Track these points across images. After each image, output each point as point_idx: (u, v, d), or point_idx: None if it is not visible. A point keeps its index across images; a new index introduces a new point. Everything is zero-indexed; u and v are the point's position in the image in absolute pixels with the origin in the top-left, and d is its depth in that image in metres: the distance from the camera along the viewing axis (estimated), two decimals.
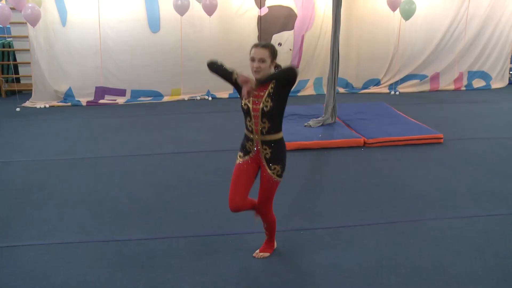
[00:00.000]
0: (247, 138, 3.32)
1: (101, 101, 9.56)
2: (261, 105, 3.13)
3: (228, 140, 6.69)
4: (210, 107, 9.25)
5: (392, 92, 10.33)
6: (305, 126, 7.17)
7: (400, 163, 5.91)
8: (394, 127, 7.02)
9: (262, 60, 3.06)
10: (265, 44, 3.15)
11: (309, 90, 10.42)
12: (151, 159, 6.12)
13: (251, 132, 3.25)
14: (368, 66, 10.56)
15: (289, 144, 6.34)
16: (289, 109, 8.16)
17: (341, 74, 9.15)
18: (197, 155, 6.26)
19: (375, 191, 5.05)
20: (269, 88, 3.14)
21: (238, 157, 3.40)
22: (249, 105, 3.18)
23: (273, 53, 3.13)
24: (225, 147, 3.23)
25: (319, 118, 7.29)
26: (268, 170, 3.28)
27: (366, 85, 10.68)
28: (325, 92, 7.44)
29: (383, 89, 10.55)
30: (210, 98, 9.87)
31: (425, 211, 4.56)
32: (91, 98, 9.56)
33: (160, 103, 9.62)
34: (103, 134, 7.32)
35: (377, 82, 10.68)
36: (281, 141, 3.30)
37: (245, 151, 3.35)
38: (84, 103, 9.42)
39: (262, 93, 3.15)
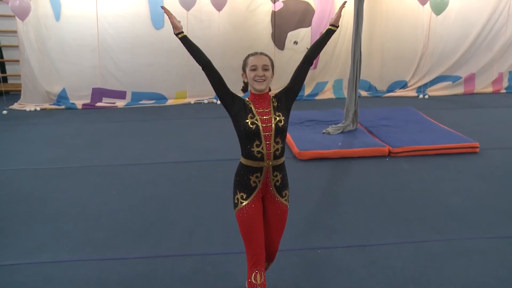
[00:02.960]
0: (251, 171, 2.96)
1: (98, 104, 9.65)
2: (274, 120, 2.91)
3: (239, 148, 6.65)
4: (218, 111, 9.26)
5: (421, 96, 10.28)
6: (323, 133, 7.15)
7: (430, 175, 5.86)
8: (423, 135, 6.97)
9: (266, 68, 2.93)
10: (262, 52, 3.05)
11: (327, 94, 10.43)
12: (153, 169, 6.14)
13: (261, 159, 2.92)
14: (393, 67, 10.54)
15: (305, 153, 6.42)
16: (305, 114, 8.32)
17: (363, 75, 9.12)
18: (204, 165, 6.26)
19: (401, 206, 5.00)
20: (272, 102, 2.99)
21: (239, 201, 2.99)
22: (258, 123, 2.89)
23: (273, 62, 3.02)
24: (235, 156, 3.16)
25: (339, 125, 7.27)
26: (281, 199, 3.05)
27: (391, 88, 10.65)
28: (346, 96, 7.43)
29: (410, 92, 10.50)
30: (218, 102, 9.91)
31: (458, 229, 4.50)
32: (87, 101, 9.65)
33: (164, 107, 9.68)
34: (100, 140, 7.37)
35: (403, 85, 10.63)
36: (284, 162, 3.08)
37: (249, 189, 2.98)
38: (79, 106, 9.51)
39: (267, 110, 2.94)
